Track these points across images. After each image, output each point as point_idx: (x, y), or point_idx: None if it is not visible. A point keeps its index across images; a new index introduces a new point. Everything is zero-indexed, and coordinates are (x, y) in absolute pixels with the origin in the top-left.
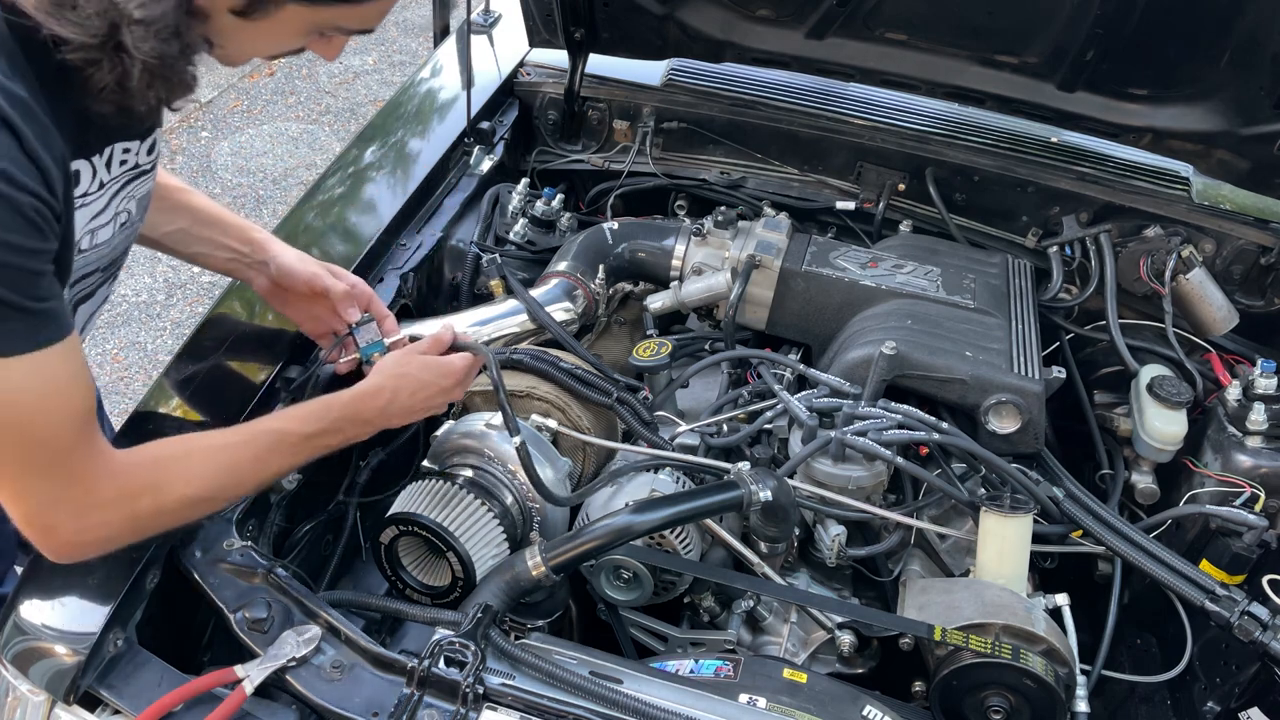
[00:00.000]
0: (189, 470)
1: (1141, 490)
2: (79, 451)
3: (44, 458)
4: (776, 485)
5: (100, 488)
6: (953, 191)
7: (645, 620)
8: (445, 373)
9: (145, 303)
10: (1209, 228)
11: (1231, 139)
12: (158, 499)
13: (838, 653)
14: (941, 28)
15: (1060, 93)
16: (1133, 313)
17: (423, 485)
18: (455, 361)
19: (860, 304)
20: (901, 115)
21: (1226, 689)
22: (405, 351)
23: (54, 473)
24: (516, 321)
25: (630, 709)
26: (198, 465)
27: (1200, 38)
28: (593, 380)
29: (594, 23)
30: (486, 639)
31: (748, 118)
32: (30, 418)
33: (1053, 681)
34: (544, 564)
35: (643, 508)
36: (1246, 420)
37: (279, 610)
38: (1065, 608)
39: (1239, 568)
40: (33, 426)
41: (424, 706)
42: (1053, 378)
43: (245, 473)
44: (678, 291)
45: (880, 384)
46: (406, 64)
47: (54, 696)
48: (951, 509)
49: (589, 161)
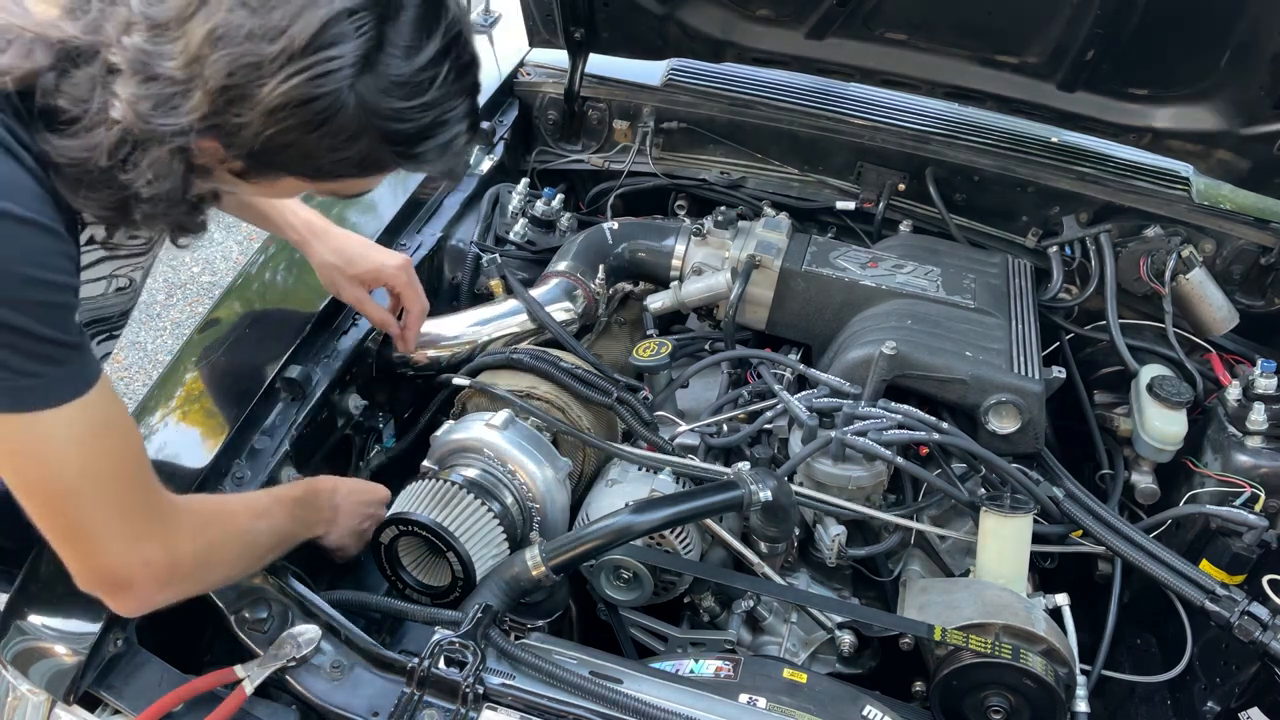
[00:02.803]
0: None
1: (1141, 490)
2: (151, 488)
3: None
4: (776, 485)
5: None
6: (953, 191)
7: (645, 620)
8: (373, 485)
9: (145, 303)
10: (1209, 228)
11: (1231, 139)
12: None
13: (838, 653)
14: (941, 28)
15: (1060, 93)
16: (1133, 313)
17: (422, 485)
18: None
19: (860, 304)
20: (901, 115)
21: (1226, 689)
22: None
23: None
24: (516, 321)
25: (630, 709)
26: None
27: (1200, 38)
28: (593, 380)
29: (594, 22)
30: (486, 639)
31: (748, 118)
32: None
33: (1053, 681)
34: (544, 564)
35: (643, 508)
36: (1246, 420)
37: (279, 610)
38: (1065, 608)
39: (1239, 568)
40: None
41: (424, 706)
42: (1053, 378)
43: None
44: (678, 291)
45: (880, 384)
46: None
47: (54, 696)
48: (951, 509)
49: (589, 161)
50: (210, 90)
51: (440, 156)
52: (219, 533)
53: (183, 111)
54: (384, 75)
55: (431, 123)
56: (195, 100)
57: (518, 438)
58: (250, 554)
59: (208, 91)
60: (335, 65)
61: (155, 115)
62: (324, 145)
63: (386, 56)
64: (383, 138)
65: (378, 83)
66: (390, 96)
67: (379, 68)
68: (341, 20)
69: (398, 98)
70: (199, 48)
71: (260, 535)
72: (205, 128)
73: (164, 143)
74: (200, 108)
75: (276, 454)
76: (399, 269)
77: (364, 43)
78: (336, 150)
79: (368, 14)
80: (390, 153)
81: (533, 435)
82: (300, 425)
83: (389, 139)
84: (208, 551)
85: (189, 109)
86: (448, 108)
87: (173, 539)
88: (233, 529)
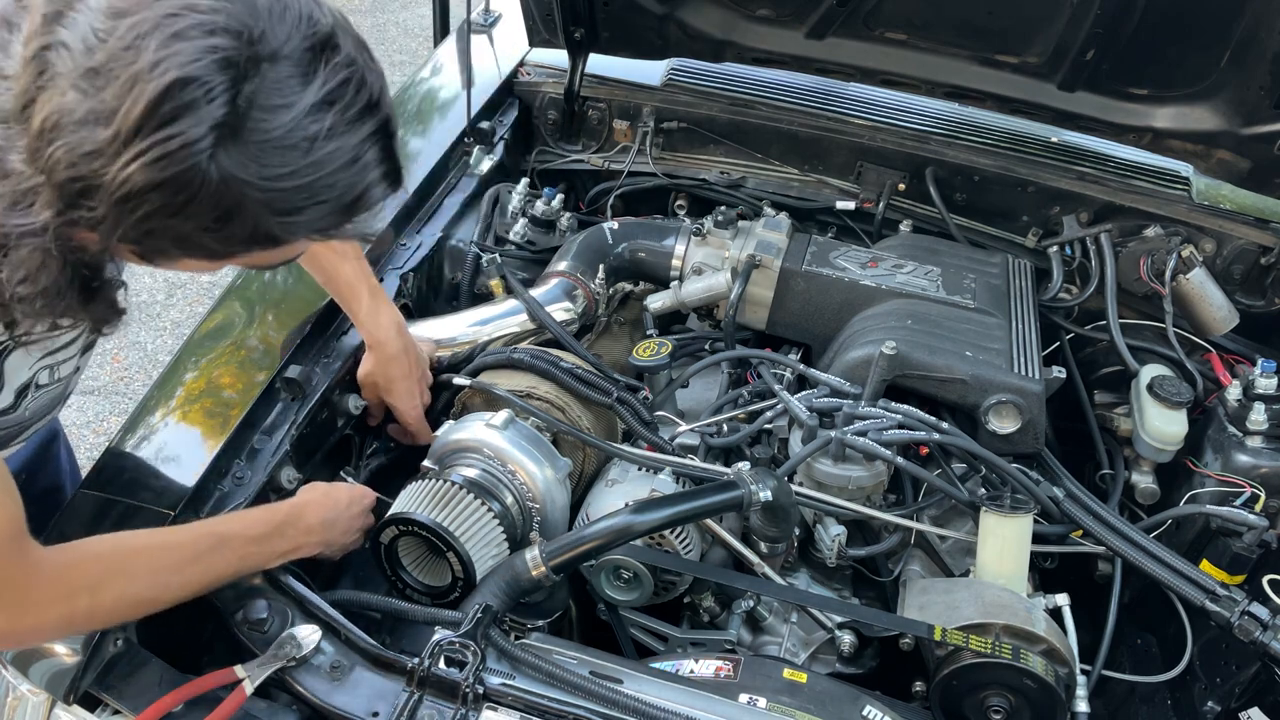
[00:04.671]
0: (128, 570)
1: (1142, 490)
2: (9, 562)
3: None
4: (776, 485)
5: (33, 591)
6: (953, 191)
7: (645, 620)
8: (363, 492)
9: (145, 303)
10: (1209, 228)
11: (1231, 139)
12: (94, 599)
13: (838, 653)
14: (941, 28)
15: (1060, 93)
16: (1133, 313)
17: (422, 485)
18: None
19: (860, 304)
20: (901, 115)
21: (1226, 689)
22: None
23: None
24: (516, 321)
25: (630, 709)
26: (140, 564)
27: (1200, 38)
28: (593, 380)
29: (594, 22)
30: (486, 639)
31: (748, 118)
32: None
33: (1053, 681)
34: (544, 564)
35: (643, 508)
36: (1247, 420)
37: (279, 610)
38: (1065, 608)
39: (1239, 568)
40: None
41: (424, 706)
42: (1053, 378)
43: (188, 575)
44: (678, 291)
45: (880, 384)
46: (406, 64)
47: (54, 696)
48: (951, 509)
49: (589, 161)
50: (56, 183)
51: (349, 218)
52: (118, 587)
53: (35, 210)
54: (251, 140)
55: (325, 182)
56: (46, 196)
57: (518, 438)
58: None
59: (54, 185)
60: (181, 141)
61: (10, 215)
62: (195, 226)
63: (252, 118)
64: (267, 208)
65: (245, 150)
66: (264, 162)
67: (244, 133)
68: (182, 90)
69: (274, 163)
70: (36, 139)
71: (190, 579)
72: (65, 222)
73: (25, 243)
74: (53, 203)
75: (276, 454)
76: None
77: (217, 108)
78: (214, 230)
79: (218, 76)
80: (278, 224)
81: (533, 435)
82: (300, 425)
83: (274, 209)
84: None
85: (41, 204)
86: (344, 161)
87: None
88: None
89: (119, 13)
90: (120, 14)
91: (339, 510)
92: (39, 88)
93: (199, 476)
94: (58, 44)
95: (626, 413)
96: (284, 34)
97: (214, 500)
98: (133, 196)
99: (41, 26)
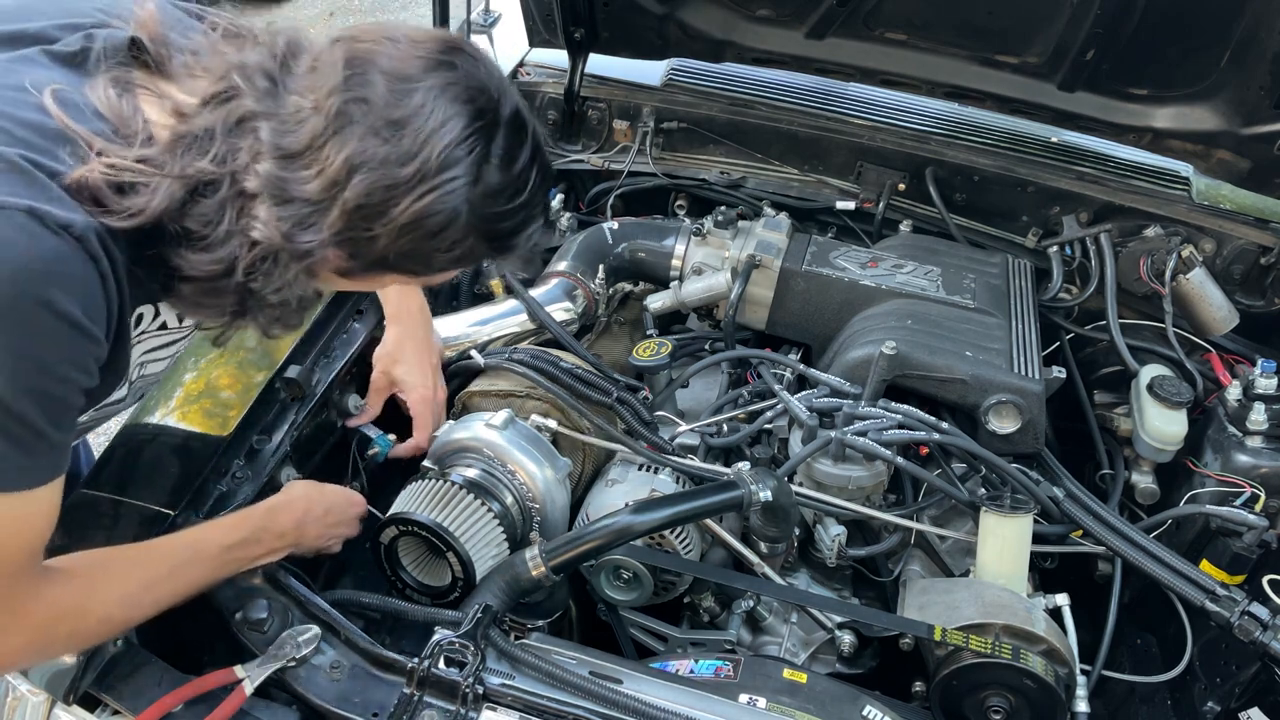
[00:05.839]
0: (106, 592)
1: (1141, 490)
2: (22, 578)
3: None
4: (776, 485)
5: (28, 613)
6: (953, 191)
7: (645, 620)
8: (352, 500)
9: None
10: (1209, 228)
11: (1231, 139)
12: (78, 623)
13: (838, 653)
14: (941, 28)
15: (1060, 93)
16: (1133, 313)
17: (422, 485)
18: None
19: (860, 304)
20: (901, 115)
21: (1226, 689)
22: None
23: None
24: (516, 321)
25: (630, 709)
26: (115, 585)
27: (1200, 38)
28: (593, 380)
29: (594, 22)
30: (486, 639)
31: (748, 118)
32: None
33: (1053, 681)
34: (544, 564)
35: (643, 508)
36: (1247, 420)
37: (279, 610)
38: (1065, 608)
39: (1239, 568)
40: None
41: (424, 706)
42: (1053, 378)
43: (161, 589)
44: (678, 291)
45: (880, 384)
46: None
47: (54, 696)
48: (951, 509)
49: (589, 161)
50: (347, 209)
51: (525, 246)
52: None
53: (320, 229)
54: (488, 184)
55: (524, 220)
56: (332, 218)
57: (518, 438)
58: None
59: (345, 211)
60: (457, 184)
61: (296, 233)
62: (438, 249)
63: (490, 168)
64: (484, 237)
65: (484, 191)
66: (494, 202)
67: (484, 179)
68: (460, 144)
69: (500, 202)
70: (337, 173)
71: (161, 596)
72: (336, 241)
73: (299, 257)
74: (336, 225)
75: (276, 454)
76: (420, 401)
77: (474, 160)
78: (446, 252)
79: (476, 136)
80: (487, 248)
81: (533, 435)
82: (300, 425)
83: (488, 238)
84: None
85: (325, 225)
86: (536, 205)
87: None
88: (118, 593)
89: (407, 77)
90: (408, 79)
91: (313, 516)
92: (333, 132)
93: (199, 477)
94: (359, 99)
95: (626, 413)
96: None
97: (214, 500)
98: (411, 224)
99: (343, 84)
